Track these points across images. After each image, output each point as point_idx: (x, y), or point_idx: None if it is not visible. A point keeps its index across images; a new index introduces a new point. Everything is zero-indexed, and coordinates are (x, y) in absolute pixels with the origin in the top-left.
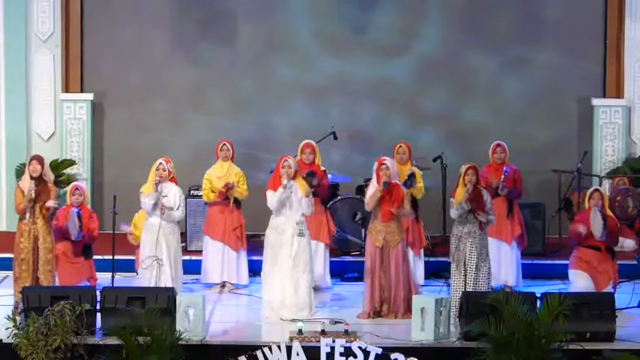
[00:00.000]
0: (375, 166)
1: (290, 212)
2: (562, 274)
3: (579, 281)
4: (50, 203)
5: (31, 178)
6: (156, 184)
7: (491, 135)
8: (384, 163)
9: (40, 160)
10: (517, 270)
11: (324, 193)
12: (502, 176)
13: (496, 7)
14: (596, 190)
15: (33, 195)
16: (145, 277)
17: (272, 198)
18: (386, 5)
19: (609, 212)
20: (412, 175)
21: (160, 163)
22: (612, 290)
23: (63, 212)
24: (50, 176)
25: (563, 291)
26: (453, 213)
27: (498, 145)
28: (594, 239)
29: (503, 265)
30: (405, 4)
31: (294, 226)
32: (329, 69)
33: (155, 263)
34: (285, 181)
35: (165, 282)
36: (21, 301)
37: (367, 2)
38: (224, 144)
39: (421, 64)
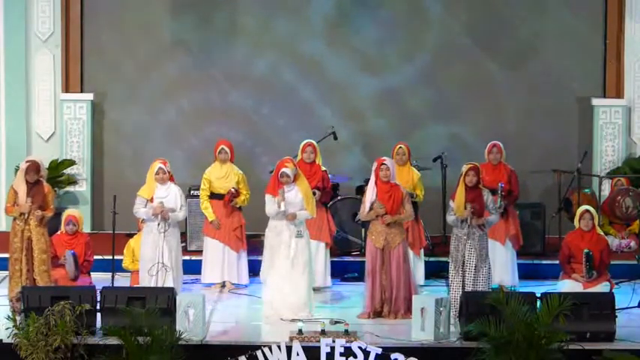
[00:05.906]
0: (374, 166)
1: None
2: None
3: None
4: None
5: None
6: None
7: (491, 135)
8: (384, 164)
9: (37, 169)
10: (513, 269)
11: (328, 199)
12: (499, 191)
13: (496, 8)
14: (587, 211)
15: (27, 210)
16: (146, 279)
17: (269, 209)
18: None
19: (598, 230)
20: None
21: (160, 168)
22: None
23: (58, 241)
24: (45, 176)
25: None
26: (449, 218)
27: (494, 145)
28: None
29: (497, 264)
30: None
31: (292, 228)
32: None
33: (163, 269)
34: (282, 203)
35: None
36: (18, 299)
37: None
38: (222, 147)
39: (425, 59)
